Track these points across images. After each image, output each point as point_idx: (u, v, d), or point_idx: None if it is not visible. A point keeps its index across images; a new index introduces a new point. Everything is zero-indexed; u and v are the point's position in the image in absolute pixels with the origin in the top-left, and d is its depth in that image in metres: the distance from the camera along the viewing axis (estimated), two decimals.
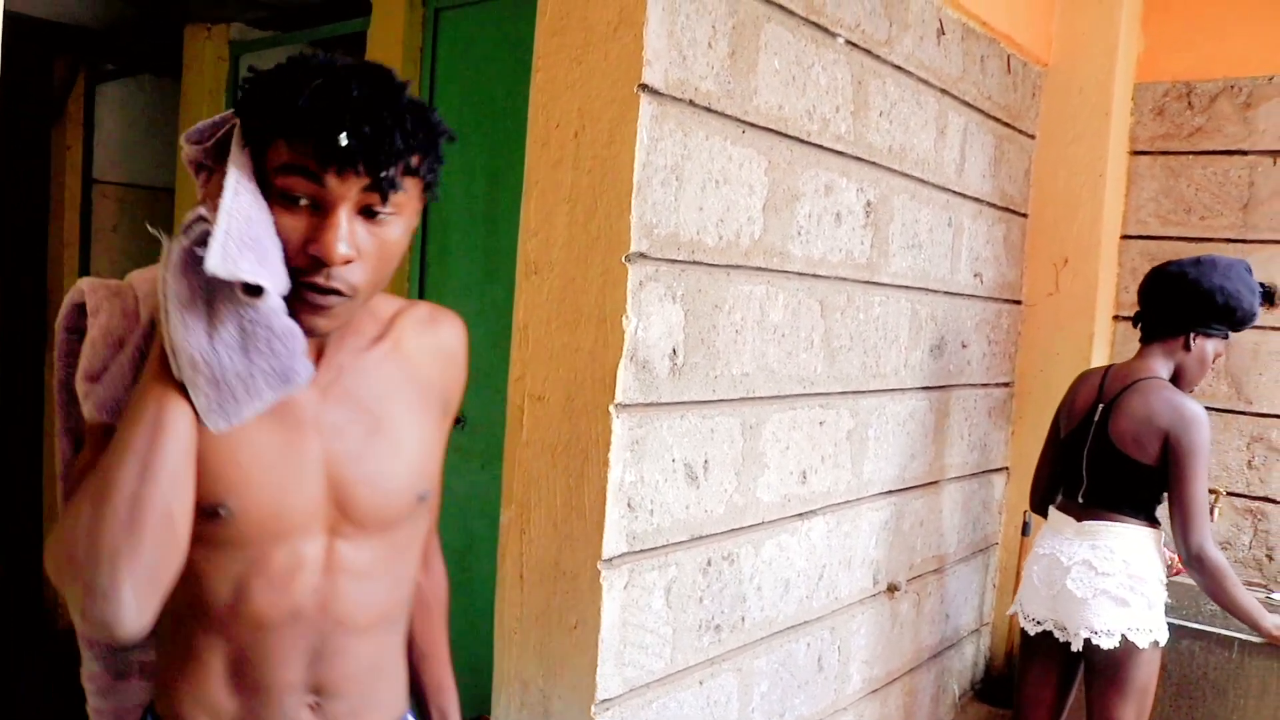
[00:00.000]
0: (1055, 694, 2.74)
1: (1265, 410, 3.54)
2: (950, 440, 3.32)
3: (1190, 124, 3.63)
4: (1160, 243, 3.67)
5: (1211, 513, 3.56)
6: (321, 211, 1.03)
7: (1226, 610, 2.61)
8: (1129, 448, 2.56)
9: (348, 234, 1.03)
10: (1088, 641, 2.55)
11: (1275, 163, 3.49)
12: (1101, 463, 2.62)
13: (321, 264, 1.03)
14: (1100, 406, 2.65)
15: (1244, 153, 3.54)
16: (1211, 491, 3.56)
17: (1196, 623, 3.19)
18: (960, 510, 3.45)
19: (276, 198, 1.03)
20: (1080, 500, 2.66)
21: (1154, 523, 2.59)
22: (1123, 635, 2.52)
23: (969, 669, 3.72)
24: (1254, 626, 2.60)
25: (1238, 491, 3.58)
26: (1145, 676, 2.54)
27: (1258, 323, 3.49)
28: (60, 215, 4.48)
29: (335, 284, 1.04)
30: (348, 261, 1.04)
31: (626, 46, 1.95)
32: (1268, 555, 3.54)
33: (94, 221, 4.48)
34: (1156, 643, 2.54)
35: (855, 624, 2.88)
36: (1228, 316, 2.57)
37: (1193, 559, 2.49)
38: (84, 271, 4.45)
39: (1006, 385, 3.71)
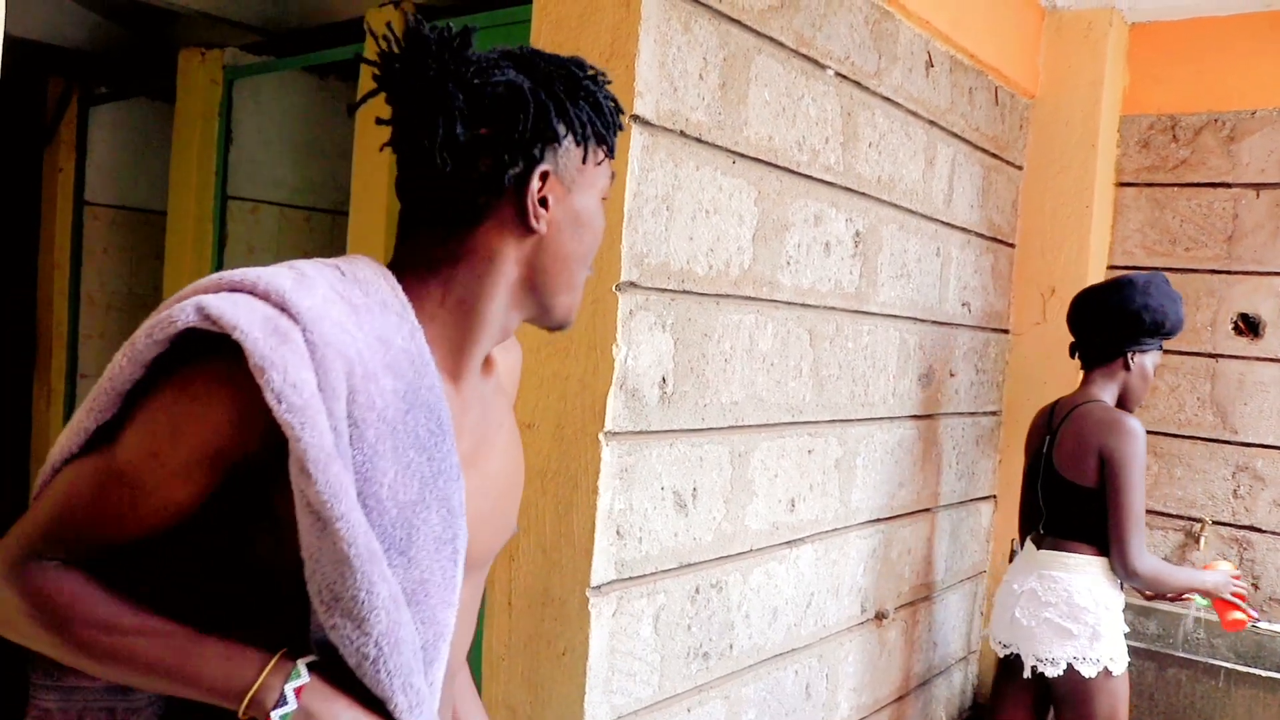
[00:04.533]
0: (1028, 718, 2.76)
1: (1250, 440, 3.57)
2: (938, 469, 3.34)
3: (1175, 156, 3.67)
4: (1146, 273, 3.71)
5: (1198, 541, 3.59)
6: None
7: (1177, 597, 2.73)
8: (1069, 472, 2.64)
9: None
10: (1035, 669, 2.62)
11: (1259, 195, 3.53)
12: (1051, 492, 2.71)
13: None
14: (1047, 438, 2.73)
15: (1228, 185, 3.58)
16: (1197, 520, 3.59)
17: (1183, 651, 3.21)
18: (948, 538, 3.46)
19: (600, 203, 1.11)
20: (1041, 531, 2.74)
21: (1105, 551, 2.62)
22: (1068, 664, 2.57)
23: (957, 697, 3.71)
24: (1204, 595, 2.69)
25: (1223, 520, 3.60)
26: (1108, 707, 2.56)
27: (1242, 353, 3.54)
28: (51, 237, 4.49)
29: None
30: None
31: (618, 77, 1.97)
32: (1254, 584, 3.55)
33: (85, 243, 4.48)
34: (1108, 672, 2.56)
35: (843, 652, 2.88)
36: (1157, 330, 2.64)
37: (1129, 576, 2.54)
38: (74, 294, 4.45)
39: (994, 414, 3.73)
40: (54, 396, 4.49)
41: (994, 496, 3.80)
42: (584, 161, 1.06)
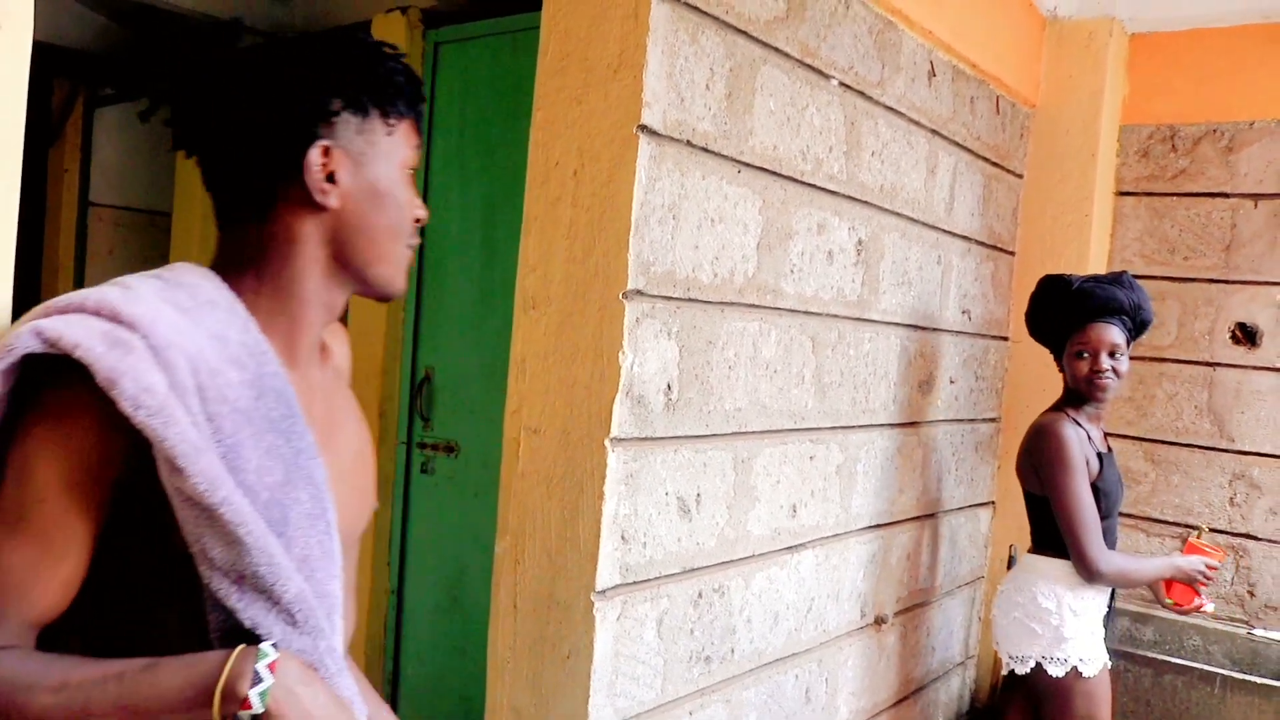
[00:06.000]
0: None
1: (1247, 448, 3.60)
2: (938, 475, 3.36)
3: (1174, 166, 3.70)
4: (1145, 282, 3.72)
5: None
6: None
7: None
8: (1022, 481, 2.75)
9: None
10: (1009, 666, 2.70)
11: (1256, 206, 3.56)
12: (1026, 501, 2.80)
13: (414, 224, 1.13)
14: None
15: (1226, 195, 3.61)
16: (1194, 527, 3.61)
17: (1179, 658, 3.23)
18: (947, 544, 3.48)
19: (403, 174, 1.10)
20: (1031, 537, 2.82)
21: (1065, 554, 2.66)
22: (1036, 663, 2.63)
23: (954, 702, 3.74)
24: (1169, 576, 2.73)
25: (1220, 528, 3.62)
26: (1084, 708, 2.60)
27: (1239, 362, 3.57)
28: (56, 238, 4.50)
29: (415, 240, 1.14)
30: None
31: (626, 87, 1.99)
32: (1249, 591, 3.58)
33: (89, 245, 4.50)
34: (1078, 672, 2.59)
35: (843, 656, 2.91)
36: (1070, 302, 2.68)
37: (1092, 578, 2.58)
38: None
39: (993, 421, 3.75)
40: None
41: (993, 503, 3.82)
42: (368, 132, 1.06)
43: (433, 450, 3.13)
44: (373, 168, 1.06)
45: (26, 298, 1.09)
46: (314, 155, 1.02)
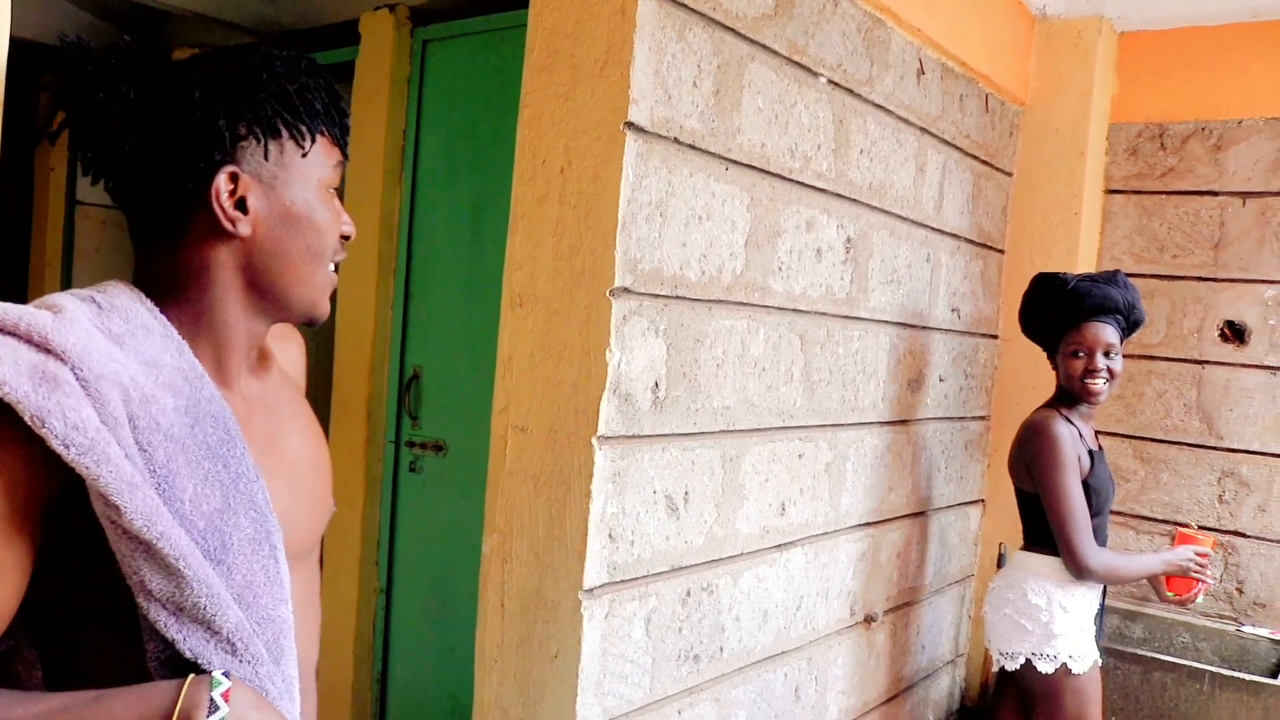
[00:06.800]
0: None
1: (1235, 446, 3.60)
2: (927, 473, 3.36)
3: (1163, 164, 3.71)
4: (1134, 280, 3.74)
5: None
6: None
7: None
8: (1014, 478, 2.76)
9: None
10: (999, 663, 2.72)
11: (1244, 204, 3.57)
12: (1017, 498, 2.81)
13: (341, 241, 1.10)
14: None
15: (1214, 193, 3.62)
16: (1183, 525, 3.62)
17: (1168, 655, 3.23)
18: (936, 542, 3.49)
19: (322, 194, 1.06)
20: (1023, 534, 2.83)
21: (1056, 551, 2.67)
22: (1026, 659, 2.64)
23: (944, 700, 3.74)
24: (1160, 571, 2.74)
25: (1209, 526, 3.63)
26: (1074, 705, 2.61)
27: (1228, 360, 3.58)
28: (43, 236, 4.48)
29: (341, 256, 1.11)
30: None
31: (613, 84, 1.99)
32: (1238, 589, 3.59)
33: (76, 243, 4.48)
34: (1068, 669, 2.60)
35: (832, 654, 2.90)
36: (1065, 301, 2.68)
37: (1082, 574, 2.59)
38: None
39: (983, 419, 3.75)
40: None
41: (982, 501, 3.82)
42: (278, 155, 1.02)
43: (421, 449, 3.12)
44: (286, 191, 1.03)
45: (13, 296, 1.07)
46: (220, 182, 0.99)
